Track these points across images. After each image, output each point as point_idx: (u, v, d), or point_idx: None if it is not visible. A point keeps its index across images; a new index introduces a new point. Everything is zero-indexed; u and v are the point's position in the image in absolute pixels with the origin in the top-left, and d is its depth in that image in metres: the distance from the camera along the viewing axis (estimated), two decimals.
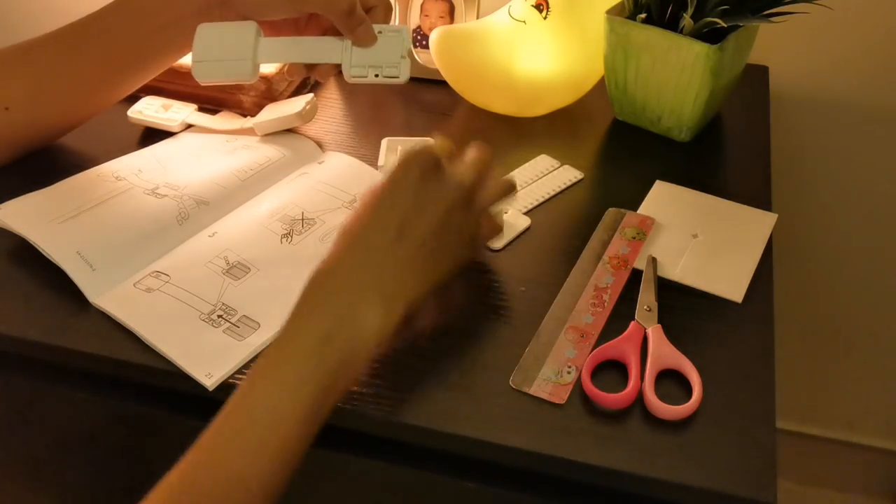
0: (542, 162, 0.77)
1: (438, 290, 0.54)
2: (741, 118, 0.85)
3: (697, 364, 0.55)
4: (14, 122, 0.69)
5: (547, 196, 0.73)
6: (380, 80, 0.65)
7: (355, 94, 0.89)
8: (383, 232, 0.51)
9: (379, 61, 0.65)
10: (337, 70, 0.67)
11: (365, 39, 0.65)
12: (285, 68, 0.68)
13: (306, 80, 0.85)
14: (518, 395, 0.54)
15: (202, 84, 0.66)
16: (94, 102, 0.72)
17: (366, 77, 0.65)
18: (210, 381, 0.54)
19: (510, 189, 0.60)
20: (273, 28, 0.68)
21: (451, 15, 0.89)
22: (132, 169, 0.71)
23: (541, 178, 0.75)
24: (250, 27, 0.65)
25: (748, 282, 0.63)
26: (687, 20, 0.73)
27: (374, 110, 0.87)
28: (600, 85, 0.83)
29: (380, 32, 0.65)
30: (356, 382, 0.53)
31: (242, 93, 0.80)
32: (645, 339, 0.58)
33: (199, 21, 0.66)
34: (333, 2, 0.63)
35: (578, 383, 0.54)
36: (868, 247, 1.08)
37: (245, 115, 0.80)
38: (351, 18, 0.63)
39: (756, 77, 0.92)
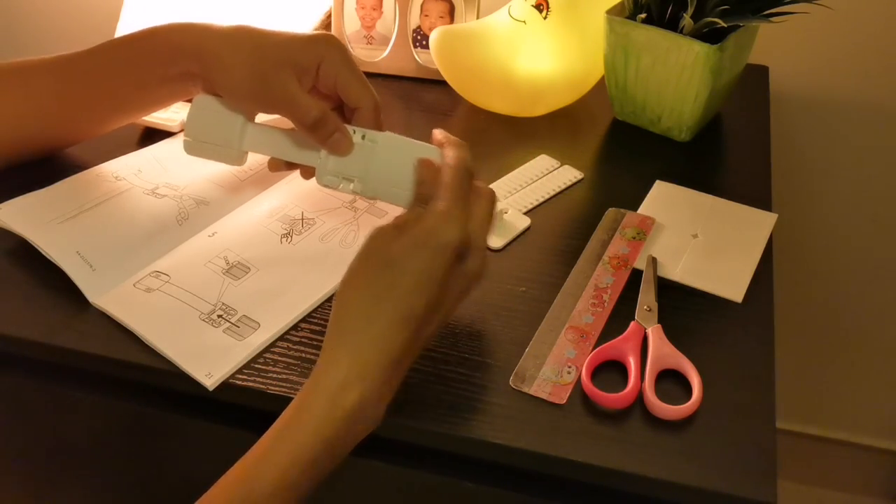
0: (542, 162, 0.77)
1: None
2: (741, 118, 0.85)
3: (697, 364, 0.55)
4: None
5: (547, 196, 0.73)
6: (351, 191, 0.59)
7: None
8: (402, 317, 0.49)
9: (353, 172, 0.58)
10: None
11: (337, 149, 0.58)
12: (268, 160, 0.63)
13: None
14: (518, 395, 0.54)
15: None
16: (81, 132, 0.71)
17: (337, 187, 0.59)
18: (210, 381, 0.54)
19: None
20: None
21: (451, 15, 0.89)
22: (132, 169, 0.71)
23: (541, 178, 0.75)
24: (239, 115, 0.61)
25: (748, 282, 0.63)
26: (687, 20, 0.73)
27: None
28: (600, 85, 0.83)
29: (363, 137, 0.58)
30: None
31: None
32: (645, 339, 0.58)
33: (180, 84, 0.63)
34: (298, 112, 0.57)
35: (578, 383, 0.54)
36: (868, 246, 1.08)
37: None
38: (318, 131, 0.57)
39: (756, 77, 0.92)
